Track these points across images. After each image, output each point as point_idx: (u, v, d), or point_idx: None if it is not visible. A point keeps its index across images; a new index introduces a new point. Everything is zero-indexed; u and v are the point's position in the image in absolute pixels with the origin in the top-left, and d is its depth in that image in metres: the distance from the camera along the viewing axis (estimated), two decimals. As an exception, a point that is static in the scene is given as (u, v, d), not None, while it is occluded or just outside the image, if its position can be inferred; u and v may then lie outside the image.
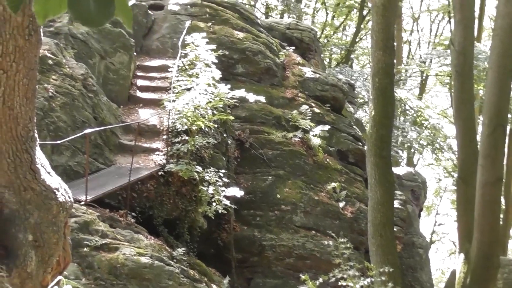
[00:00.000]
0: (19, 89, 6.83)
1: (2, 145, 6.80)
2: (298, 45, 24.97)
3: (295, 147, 19.75)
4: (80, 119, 14.19)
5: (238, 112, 19.37)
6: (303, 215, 18.53)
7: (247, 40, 21.58)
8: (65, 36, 16.41)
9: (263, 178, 18.85)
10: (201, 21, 21.58)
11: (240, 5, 24.52)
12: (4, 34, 6.60)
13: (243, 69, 21.15)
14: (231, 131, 18.46)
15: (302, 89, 21.97)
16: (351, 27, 47.04)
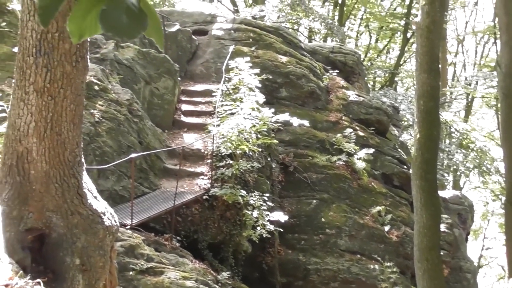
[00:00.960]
0: (67, 115, 6.94)
1: (50, 170, 6.90)
2: (342, 68, 24.94)
3: (339, 170, 19.63)
4: (126, 144, 14.33)
5: (282, 136, 19.37)
6: (348, 239, 18.37)
7: (291, 64, 21.62)
8: (111, 62, 16.66)
9: (307, 202, 18.77)
10: (244, 46, 21.71)
11: (283, 29, 24.61)
12: (52, 61, 6.73)
13: (287, 93, 21.18)
14: (275, 155, 18.44)
15: (346, 112, 21.90)
16: (395, 49, 46.86)
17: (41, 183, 6.84)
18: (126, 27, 2.18)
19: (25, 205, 6.79)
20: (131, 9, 2.19)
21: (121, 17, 2.17)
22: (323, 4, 42.40)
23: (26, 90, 6.78)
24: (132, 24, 2.19)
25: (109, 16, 2.16)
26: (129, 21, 2.18)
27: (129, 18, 2.18)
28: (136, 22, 2.20)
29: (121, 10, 2.18)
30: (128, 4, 2.20)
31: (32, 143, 6.84)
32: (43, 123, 6.80)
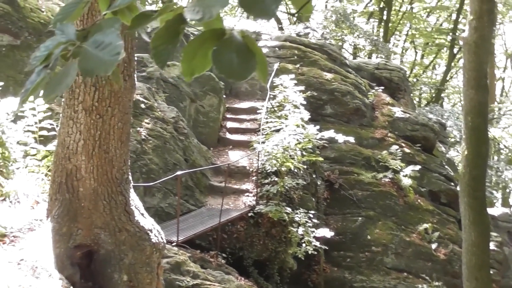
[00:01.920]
0: (114, 133, 7.06)
1: (98, 187, 7.01)
2: (387, 85, 24.81)
3: (385, 187, 19.47)
4: (172, 161, 14.45)
5: (327, 153, 19.31)
6: (394, 257, 18.17)
7: (336, 80, 21.59)
8: (156, 81, 16.85)
9: (353, 219, 18.64)
10: (289, 63, 21.76)
11: (328, 46, 24.60)
12: (100, 80, 6.86)
13: (332, 110, 21.14)
14: (320, 172, 18.39)
15: (392, 129, 21.75)
16: (441, 65, 46.40)
17: (89, 200, 6.95)
18: (237, 68, 2.24)
19: (74, 222, 6.90)
20: (239, 48, 2.24)
21: (231, 58, 2.23)
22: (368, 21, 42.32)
23: (75, 108, 6.91)
24: (242, 65, 2.24)
25: (220, 57, 2.22)
26: (240, 61, 2.23)
27: (239, 58, 2.23)
28: (246, 62, 2.25)
29: (231, 50, 2.23)
30: (237, 44, 2.25)
31: (81, 161, 6.95)
32: (92, 141, 6.92)
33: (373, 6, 42.41)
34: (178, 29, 2.31)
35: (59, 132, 7.31)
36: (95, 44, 2.26)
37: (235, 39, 2.26)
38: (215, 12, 2.12)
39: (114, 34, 2.28)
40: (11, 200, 8.75)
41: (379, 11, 41.18)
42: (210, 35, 2.31)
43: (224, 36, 2.28)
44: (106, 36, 2.29)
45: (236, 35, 2.27)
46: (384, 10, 39.95)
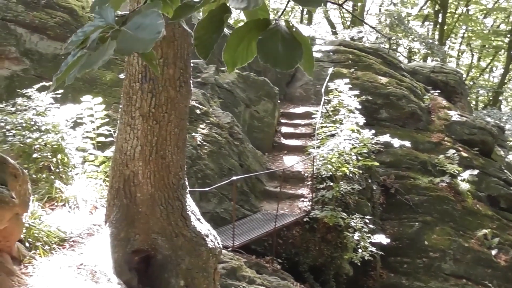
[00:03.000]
0: (171, 139, 7.11)
1: (155, 192, 7.07)
2: (443, 88, 24.46)
3: (442, 192, 19.17)
4: (227, 167, 14.51)
5: (383, 157, 19.12)
6: (452, 263, 17.85)
7: (391, 84, 21.40)
8: (211, 86, 16.96)
9: (409, 224, 18.41)
10: (343, 67, 21.67)
11: (382, 50, 24.43)
12: (157, 86, 6.93)
13: (387, 114, 20.95)
14: (376, 177, 18.22)
15: (449, 133, 21.43)
16: (499, 68, 45.52)
17: (146, 206, 7.02)
18: (283, 57, 2.22)
19: (132, 227, 6.97)
20: (285, 38, 2.22)
21: (277, 47, 2.21)
22: (422, 24, 41.85)
23: (132, 115, 6.99)
24: (288, 54, 2.22)
25: (266, 46, 2.20)
26: (285, 50, 2.21)
27: (284, 47, 2.21)
28: (292, 52, 2.23)
29: (276, 39, 2.21)
30: (283, 33, 2.23)
31: (138, 166, 7.03)
32: (149, 147, 6.98)
33: (428, 9, 41.88)
34: (222, 18, 2.30)
35: (117, 138, 7.41)
36: (135, 26, 2.23)
37: (281, 29, 2.23)
38: (260, 1, 2.10)
39: (155, 15, 2.25)
40: (71, 205, 8.90)
41: (434, 13, 40.65)
42: (254, 25, 2.28)
43: (269, 26, 2.25)
44: (146, 17, 2.26)
45: (282, 25, 2.25)
46: (439, 13, 39.41)
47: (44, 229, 7.50)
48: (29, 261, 6.73)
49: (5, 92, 13.62)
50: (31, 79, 13.69)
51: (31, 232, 7.30)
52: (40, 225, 7.55)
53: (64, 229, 7.89)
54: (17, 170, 6.46)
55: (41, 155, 9.97)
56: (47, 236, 7.44)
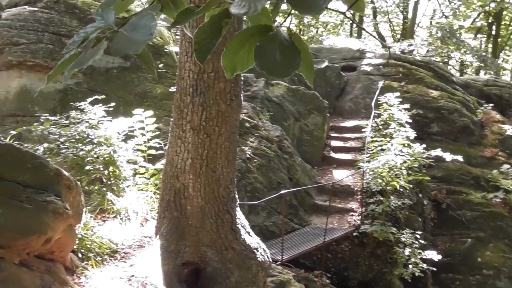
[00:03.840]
0: (221, 152, 7.16)
1: (205, 205, 7.12)
2: (497, 102, 24.04)
3: (496, 208, 18.79)
4: (276, 180, 14.51)
5: (434, 172, 18.85)
6: (508, 281, 17.45)
7: (442, 98, 21.15)
8: (261, 100, 17.01)
9: (461, 241, 18.08)
10: (394, 81, 21.51)
11: (434, 63, 24.18)
12: (208, 100, 6.98)
13: (439, 128, 20.68)
14: (427, 192, 17.98)
15: (503, 147, 21.03)
16: (555, 81, 44.60)
17: (197, 218, 7.06)
18: (280, 65, 2.21)
19: (182, 240, 7.02)
20: (284, 45, 2.22)
21: (274, 54, 2.20)
22: (475, 36, 41.30)
23: (183, 128, 7.05)
24: (285, 62, 2.21)
25: (263, 53, 2.20)
26: (283, 58, 2.20)
27: (282, 54, 2.21)
28: (290, 60, 2.22)
29: (274, 46, 2.21)
30: (281, 40, 2.23)
31: (189, 179, 7.08)
32: (199, 160, 7.03)
33: (481, 21, 41.33)
34: (221, 23, 2.31)
35: (168, 151, 7.49)
36: (131, 27, 2.27)
37: (280, 35, 2.23)
38: (260, 6, 2.09)
39: (149, 16, 2.29)
40: (122, 217, 9.02)
41: (487, 26, 40.09)
42: (255, 31, 2.28)
43: (270, 32, 2.25)
44: (142, 19, 2.30)
45: (282, 31, 2.25)
46: (493, 25, 38.86)
47: (96, 240, 7.62)
48: (81, 271, 6.84)
49: (59, 105, 13.89)
50: (84, 92, 13.93)
51: (84, 243, 7.42)
52: (93, 236, 7.66)
53: (115, 241, 7.99)
54: (71, 182, 6.58)
55: (93, 167, 10.14)
56: (99, 247, 7.55)
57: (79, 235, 7.40)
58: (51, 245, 6.26)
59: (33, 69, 14.47)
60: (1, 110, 14.43)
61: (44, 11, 15.31)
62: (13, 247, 5.87)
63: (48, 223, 6.05)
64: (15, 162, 6.16)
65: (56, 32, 14.94)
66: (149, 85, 14.97)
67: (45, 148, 10.46)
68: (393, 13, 40.61)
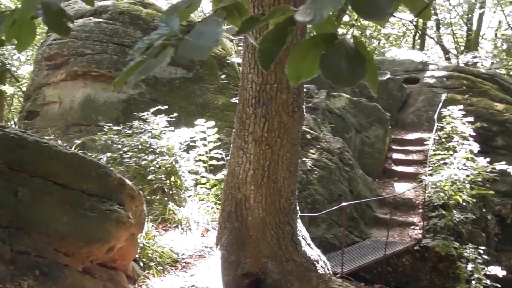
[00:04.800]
0: (283, 163, 7.14)
1: (266, 216, 7.11)
2: None
3: (562, 224, 18.27)
4: (337, 192, 14.41)
5: (498, 186, 18.43)
6: None
7: (508, 111, 20.68)
8: (322, 111, 16.95)
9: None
10: (457, 93, 21.14)
11: (499, 76, 23.69)
12: (270, 111, 6.98)
13: (503, 142, 20.22)
14: (490, 206, 17.59)
15: None
16: None
17: (257, 230, 7.06)
18: (345, 74, 2.18)
19: (243, 251, 7.02)
20: (350, 53, 2.20)
21: (340, 63, 2.18)
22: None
23: (245, 139, 7.07)
24: (351, 70, 2.19)
25: (328, 61, 2.18)
26: (348, 66, 2.18)
27: (348, 63, 2.18)
28: (355, 68, 2.20)
29: (340, 54, 2.19)
30: (347, 48, 2.21)
31: (250, 190, 7.09)
32: (261, 171, 7.03)
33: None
34: (286, 31, 2.29)
35: (229, 162, 7.51)
36: (196, 34, 2.27)
37: (346, 44, 2.19)
38: (325, 13, 2.07)
39: (215, 23, 2.28)
40: (183, 227, 9.09)
41: (555, 38, 39.12)
42: (320, 39, 2.26)
43: (335, 40, 2.22)
44: (207, 25, 2.29)
45: (347, 40, 2.21)
46: None
47: (157, 250, 7.69)
48: (143, 280, 6.91)
49: (122, 115, 14.11)
50: (147, 102, 14.13)
51: (145, 252, 7.49)
52: (154, 246, 7.74)
53: (176, 250, 8.06)
54: (134, 191, 6.66)
55: (155, 177, 10.25)
56: (160, 256, 7.61)
57: (141, 244, 7.48)
58: (114, 254, 6.35)
59: (97, 79, 14.77)
60: (66, 119, 14.76)
61: (109, 22, 15.61)
62: (77, 254, 5.98)
63: (111, 232, 6.14)
64: (80, 171, 6.27)
65: (120, 42, 15.22)
66: (211, 95, 15.08)
67: (108, 157, 10.64)
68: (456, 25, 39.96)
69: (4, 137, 5.99)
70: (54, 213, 5.92)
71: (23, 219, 5.77)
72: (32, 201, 5.84)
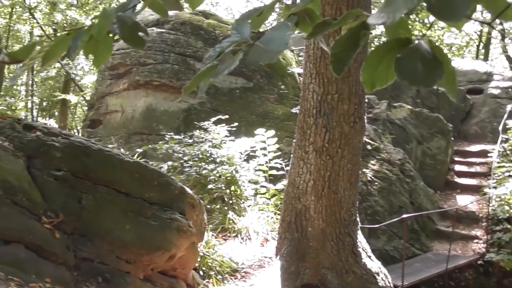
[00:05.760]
0: (343, 174, 7.09)
1: (326, 227, 7.06)
2: None
3: None
4: (397, 204, 14.22)
5: None
6: None
7: None
8: (383, 122, 16.78)
9: None
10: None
11: None
12: (331, 122, 6.94)
13: None
14: (557, 220, 17.13)
15: None
16: None
17: (317, 240, 7.02)
18: (422, 75, 2.16)
19: (302, 261, 6.99)
20: (426, 57, 2.17)
21: (416, 65, 2.15)
22: None
23: (306, 149, 7.05)
24: (427, 72, 2.16)
25: (404, 64, 2.15)
26: (425, 69, 2.15)
27: (424, 66, 2.16)
28: (432, 70, 2.17)
29: (416, 58, 2.16)
30: (423, 52, 2.18)
31: (310, 201, 7.06)
32: (321, 182, 7.00)
33: None
34: (359, 35, 2.25)
35: (290, 172, 7.50)
36: (266, 40, 2.27)
37: (422, 47, 2.15)
38: (398, 16, 2.03)
39: (284, 27, 2.27)
40: (243, 236, 9.10)
41: None
42: (395, 44, 2.22)
43: (410, 44, 2.18)
44: (277, 30, 2.29)
45: (423, 44, 2.17)
46: None
47: (217, 259, 7.71)
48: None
49: (183, 124, 14.24)
50: (207, 112, 14.22)
51: (205, 261, 7.53)
52: (214, 255, 7.77)
53: (236, 260, 8.07)
54: (195, 200, 6.70)
55: (215, 186, 10.29)
56: (220, 265, 7.63)
57: (201, 253, 7.51)
58: (174, 262, 6.39)
59: (159, 89, 14.95)
60: (128, 128, 14.98)
61: (171, 32, 15.81)
62: (139, 262, 6.04)
63: (172, 240, 6.18)
64: (142, 180, 6.34)
65: (182, 52, 15.39)
66: (271, 105, 15.11)
67: (169, 166, 10.74)
68: (522, 34, 39.13)
69: (70, 145, 6.10)
70: (117, 221, 6.00)
71: (87, 226, 5.86)
72: (95, 208, 5.92)
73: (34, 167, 5.92)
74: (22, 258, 5.31)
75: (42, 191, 5.78)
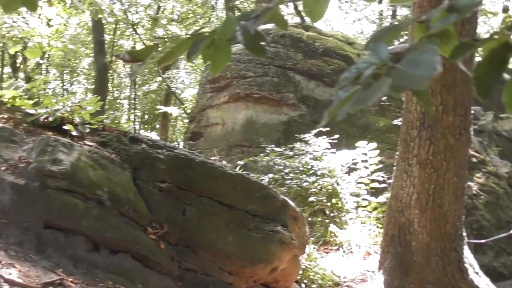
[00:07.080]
0: (449, 187, 6.91)
1: (430, 242, 6.90)
2: None
3: None
4: (505, 219, 13.74)
5: None
6: None
7: None
8: (489, 134, 16.28)
9: None
10: None
11: None
12: (435, 134, 6.79)
13: None
14: None
15: None
16: None
17: (421, 255, 6.87)
18: None
19: (406, 276, 6.86)
20: None
21: None
22: None
23: (409, 162, 6.92)
24: None
25: None
26: None
27: None
28: None
29: None
30: None
31: (414, 214, 6.92)
32: (425, 195, 6.86)
33: None
34: (505, 56, 2.16)
35: (393, 185, 7.38)
36: (410, 63, 2.19)
37: None
38: None
39: (431, 51, 2.19)
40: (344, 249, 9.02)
41: None
42: None
43: None
44: (422, 54, 2.21)
45: None
46: None
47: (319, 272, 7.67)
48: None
49: (283, 136, 14.27)
50: (307, 124, 14.19)
51: (307, 274, 7.50)
52: (316, 268, 7.73)
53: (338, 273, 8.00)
54: (297, 213, 6.70)
55: (316, 199, 10.26)
56: (322, 278, 7.59)
57: (303, 266, 7.49)
58: (277, 274, 6.40)
59: (258, 101, 15.05)
60: (228, 140, 15.15)
61: (271, 45, 15.90)
62: (241, 274, 6.08)
63: (274, 253, 6.19)
64: (245, 192, 6.38)
65: (282, 65, 15.44)
66: (371, 117, 14.94)
67: (270, 179, 10.78)
68: None
69: (174, 157, 6.22)
70: (220, 232, 6.06)
71: (191, 237, 5.95)
72: (199, 220, 6.01)
73: (139, 178, 6.06)
74: (128, 267, 5.44)
75: (147, 202, 5.92)
